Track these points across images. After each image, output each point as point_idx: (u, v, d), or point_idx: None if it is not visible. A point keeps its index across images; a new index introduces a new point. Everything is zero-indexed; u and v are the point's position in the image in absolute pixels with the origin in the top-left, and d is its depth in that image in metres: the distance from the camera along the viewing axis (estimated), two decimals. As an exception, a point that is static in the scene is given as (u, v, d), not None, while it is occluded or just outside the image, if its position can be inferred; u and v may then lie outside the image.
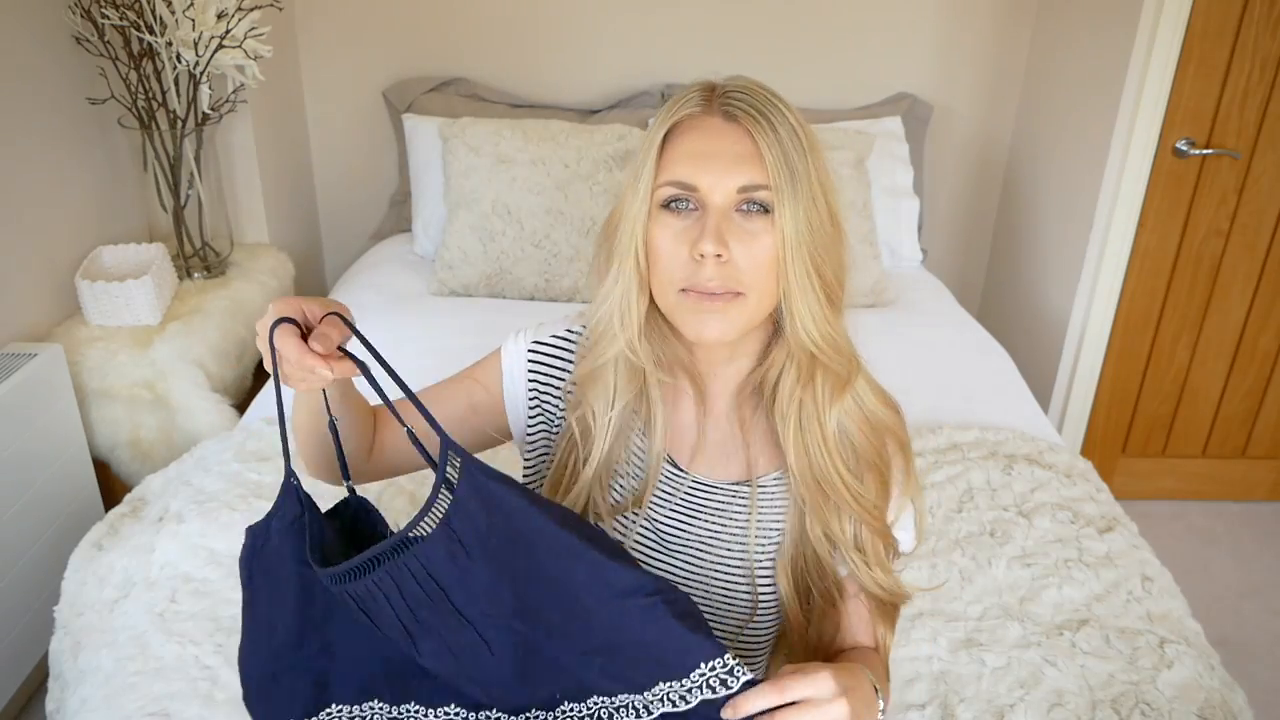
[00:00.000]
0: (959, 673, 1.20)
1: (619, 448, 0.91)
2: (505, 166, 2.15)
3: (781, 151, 0.78)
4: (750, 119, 0.79)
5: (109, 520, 1.45)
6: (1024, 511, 1.48)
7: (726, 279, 0.80)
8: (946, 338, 2.08)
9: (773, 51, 2.49)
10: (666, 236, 0.81)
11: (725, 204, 0.80)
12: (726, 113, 0.81)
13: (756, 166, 0.79)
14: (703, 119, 0.81)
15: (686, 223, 0.81)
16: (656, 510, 0.92)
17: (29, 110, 1.78)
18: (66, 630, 1.30)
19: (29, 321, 1.80)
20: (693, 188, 0.80)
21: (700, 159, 0.80)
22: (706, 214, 0.80)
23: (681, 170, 0.80)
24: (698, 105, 0.82)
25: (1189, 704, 1.15)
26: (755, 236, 0.80)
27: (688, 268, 0.80)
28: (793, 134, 0.79)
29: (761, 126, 0.79)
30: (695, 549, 0.92)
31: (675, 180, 0.80)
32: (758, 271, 0.80)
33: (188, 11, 1.81)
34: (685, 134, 0.81)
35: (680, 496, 0.92)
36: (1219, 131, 2.11)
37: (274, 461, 1.51)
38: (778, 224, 0.79)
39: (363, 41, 2.46)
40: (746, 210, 0.80)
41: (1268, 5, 1.98)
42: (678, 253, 0.81)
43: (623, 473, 0.92)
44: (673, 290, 0.82)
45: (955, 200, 2.73)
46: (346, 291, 2.21)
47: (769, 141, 0.78)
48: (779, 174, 0.78)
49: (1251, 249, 2.22)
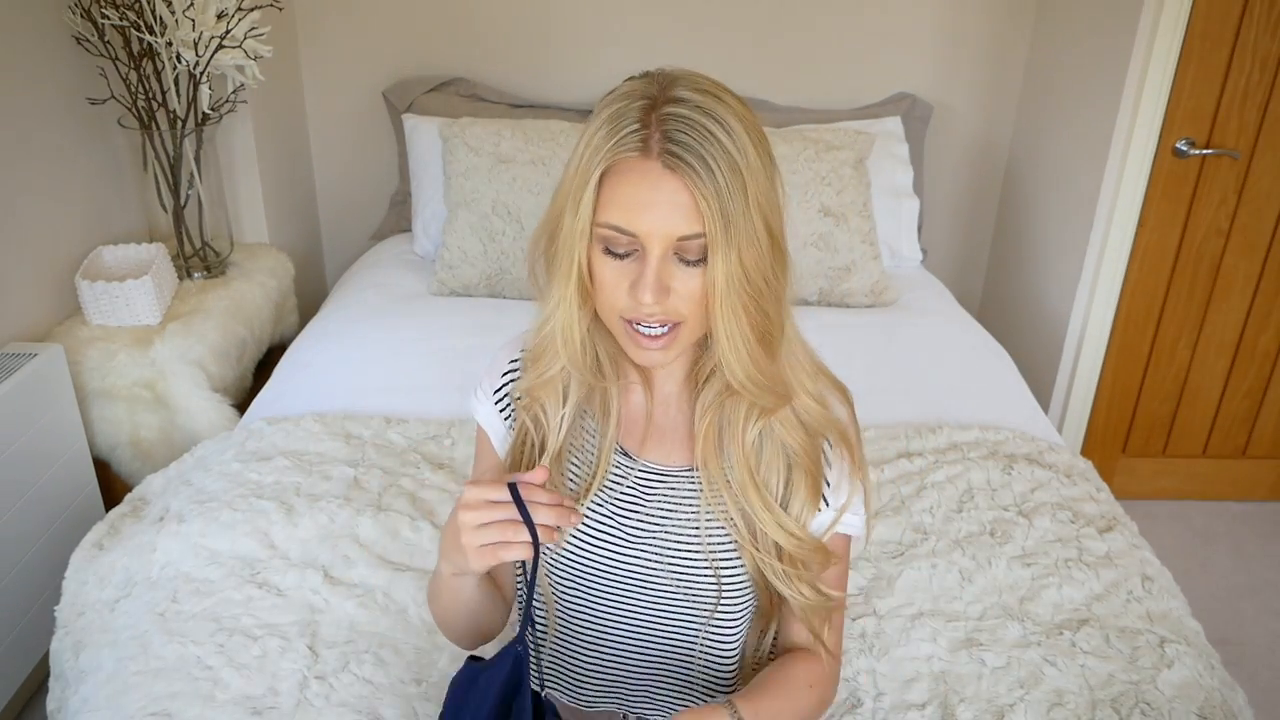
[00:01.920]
0: (959, 672, 1.20)
1: (572, 437, 0.94)
2: (505, 166, 2.15)
3: (718, 203, 0.78)
4: (688, 169, 0.78)
5: (109, 520, 1.45)
6: (1024, 511, 1.48)
7: (666, 313, 0.83)
8: (946, 338, 2.08)
9: (773, 51, 2.49)
10: (609, 274, 0.83)
11: (664, 251, 0.81)
12: (665, 162, 0.79)
13: (694, 216, 0.80)
14: (641, 163, 0.80)
15: (626, 264, 0.83)
16: (610, 499, 0.94)
17: (29, 110, 1.78)
18: (67, 630, 1.30)
19: (29, 321, 1.80)
20: (632, 234, 0.81)
21: (640, 209, 0.80)
22: (646, 260, 0.81)
23: (620, 216, 0.81)
24: (636, 149, 0.80)
25: (1189, 704, 1.15)
26: (694, 277, 0.82)
27: (628, 301, 0.83)
28: (733, 173, 0.79)
29: (699, 177, 0.78)
30: (655, 536, 0.93)
31: (614, 225, 0.81)
32: (695, 304, 0.83)
33: (188, 11, 1.81)
34: (624, 177, 0.81)
35: (630, 483, 0.94)
36: (1219, 131, 2.11)
37: (274, 461, 1.51)
38: (709, 273, 0.81)
39: (363, 42, 2.46)
40: (685, 262, 0.82)
41: (1268, 5, 1.98)
42: (619, 287, 0.83)
43: (577, 461, 0.95)
44: (615, 316, 0.85)
45: (955, 200, 2.73)
46: (346, 291, 2.21)
47: (706, 194, 0.78)
48: (714, 224, 0.79)
49: (1251, 249, 2.22)
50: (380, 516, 1.39)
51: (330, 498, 1.42)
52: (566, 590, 0.96)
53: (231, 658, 1.16)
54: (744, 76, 2.46)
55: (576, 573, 0.95)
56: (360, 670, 1.15)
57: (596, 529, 0.94)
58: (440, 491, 1.48)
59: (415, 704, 1.12)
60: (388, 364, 1.86)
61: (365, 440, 1.60)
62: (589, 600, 0.95)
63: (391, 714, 1.10)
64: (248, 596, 1.25)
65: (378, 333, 1.97)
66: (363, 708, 1.10)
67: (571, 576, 0.95)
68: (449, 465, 1.56)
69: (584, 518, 0.94)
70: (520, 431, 0.95)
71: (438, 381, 1.80)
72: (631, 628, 0.95)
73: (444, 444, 1.62)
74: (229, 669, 1.14)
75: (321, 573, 1.29)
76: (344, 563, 1.31)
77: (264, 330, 2.13)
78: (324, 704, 1.11)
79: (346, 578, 1.29)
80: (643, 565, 0.93)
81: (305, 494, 1.43)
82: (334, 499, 1.42)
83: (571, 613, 0.97)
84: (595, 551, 0.94)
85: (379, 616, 1.24)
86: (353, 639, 1.20)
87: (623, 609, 0.95)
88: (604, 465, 0.93)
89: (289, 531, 1.35)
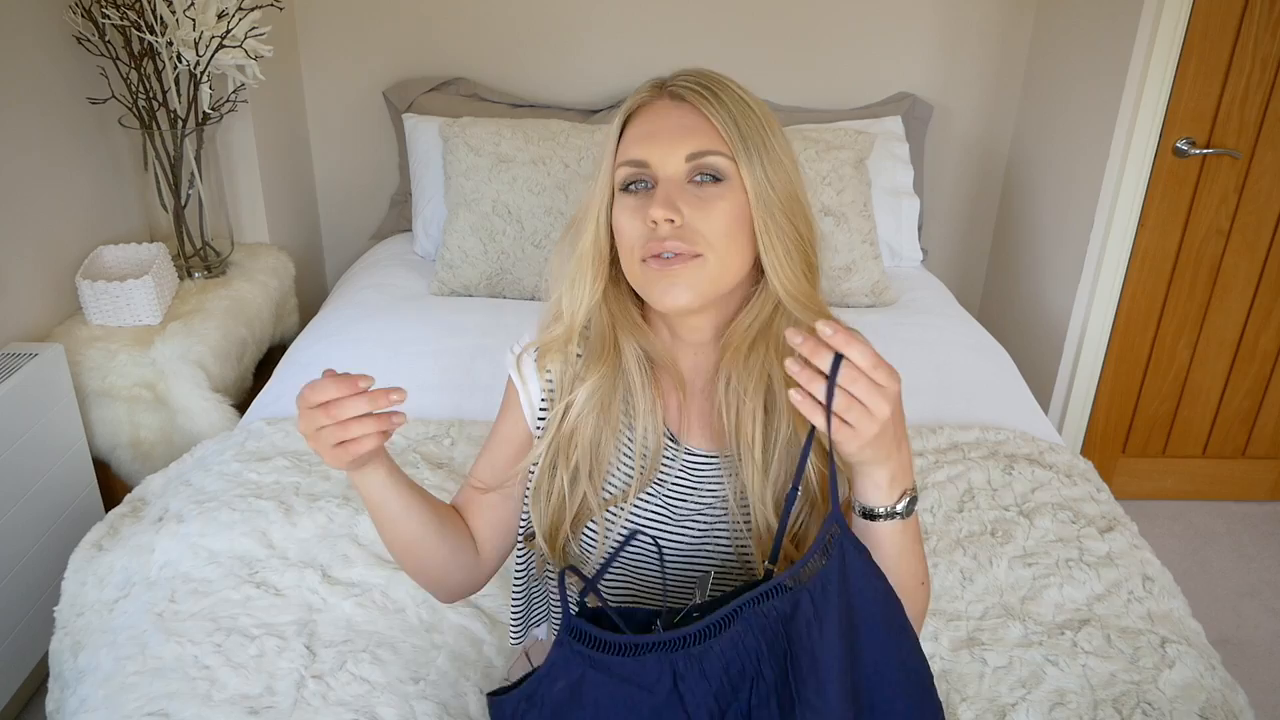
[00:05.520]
0: (960, 672, 1.20)
1: (608, 445, 0.93)
2: (505, 166, 2.15)
3: (730, 117, 0.83)
4: (695, 94, 0.85)
5: (109, 520, 1.45)
6: (1025, 511, 1.48)
7: (683, 240, 0.83)
8: (946, 338, 2.08)
9: (773, 51, 2.49)
10: (625, 215, 0.86)
11: (676, 174, 0.84)
12: (673, 94, 0.87)
13: (704, 134, 0.84)
14: (652, 103, 0.87)
15: (642, 199, 0.85)
16: (663, 483, 0.94)
17: (29, 110, 1.78)
18: (66, 630, 1.30)
19: (29, 321, 1.80)
20: (644, 163, 0.85)
21: (649, 137, 0.85)
22: (659, 186, 0.84)
23: (634, 150, 0.86)
24: (648, 93, 0.88)
25: (1190, 704, 1.14)
26: (709, 201, 0.84)
27: (644, 235, 0.84)
28: (741, 104, 0.85)
29: (706, 99, 0.84)
30: (702, 516, 0.94)
31: (628, 159, 0.86)
32: (715, 233, 0.84)
33: (188, 11, 1.81)
34: (636, 120, 0.88)
35: (679, 466, 0.95)
36: (1219, 131, 2.10)
37: (273, 461, 1.51)
38: (740, 183, 0.84)
39: (363, 41, 2.46)
40: (699, 181, 0.84)
41: (1268, 5, 1.98)
42: (635, 226, 0.85)
43: (615, 464, 0.95)
44: (636, 262, 0.86)
45: (955, 200, 2.73)
46: (346, 291, 2.21)
47: (714, 109, 0.84)
48: (731, 135, 0.83)
49: (1252, 249, 2.21)
50: (379, 516, 1.39)
51: (329, 498, 1.42)
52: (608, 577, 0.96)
53: (229, 657, 1.15)
54: (744, 76, 2.42)
55: (622, 558, 0.95)
56: (358, 669, 1.15)
57: (649, 513, 0.94)
58: (439, 491, 1.47)
59: (413, 703, 1.12)
60: (388, 364, 1.86)
61: (365, 440, 1.60)
62: (629, 584, 0.96)
63: (389, 713, 1.10)
64: (246, 596, 1.25)
65: (378, 333, 1.97)
66: (360, 707, 1.10)
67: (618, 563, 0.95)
68: (448, 465, 1.56)
69: (635, 505, 0.94)
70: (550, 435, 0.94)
71: (437, 381, 1.80)
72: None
73: (443, 444, 1.61)
74: (226, 668, 1.14)
75: (319, 572, 1.29)
76: (342, 562, 1.31)
77: (264, 330, 2.13)
78: (321, 703, 1.10)
79: (344, 577, 1.29)
80: (689, 544, 0.94)
81: (304, 494, 1.43)
82: (333, 499, 1.42)
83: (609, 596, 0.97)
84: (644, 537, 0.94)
85: (377, 616, 1.24)
86: (350, 638, 1.20)
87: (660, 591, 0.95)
88: (657, 451, 0.93)
89: (287, 531, 1.35)
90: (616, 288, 0.93)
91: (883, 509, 0.77)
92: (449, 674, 1.17)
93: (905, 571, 0.81)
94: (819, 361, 0.70)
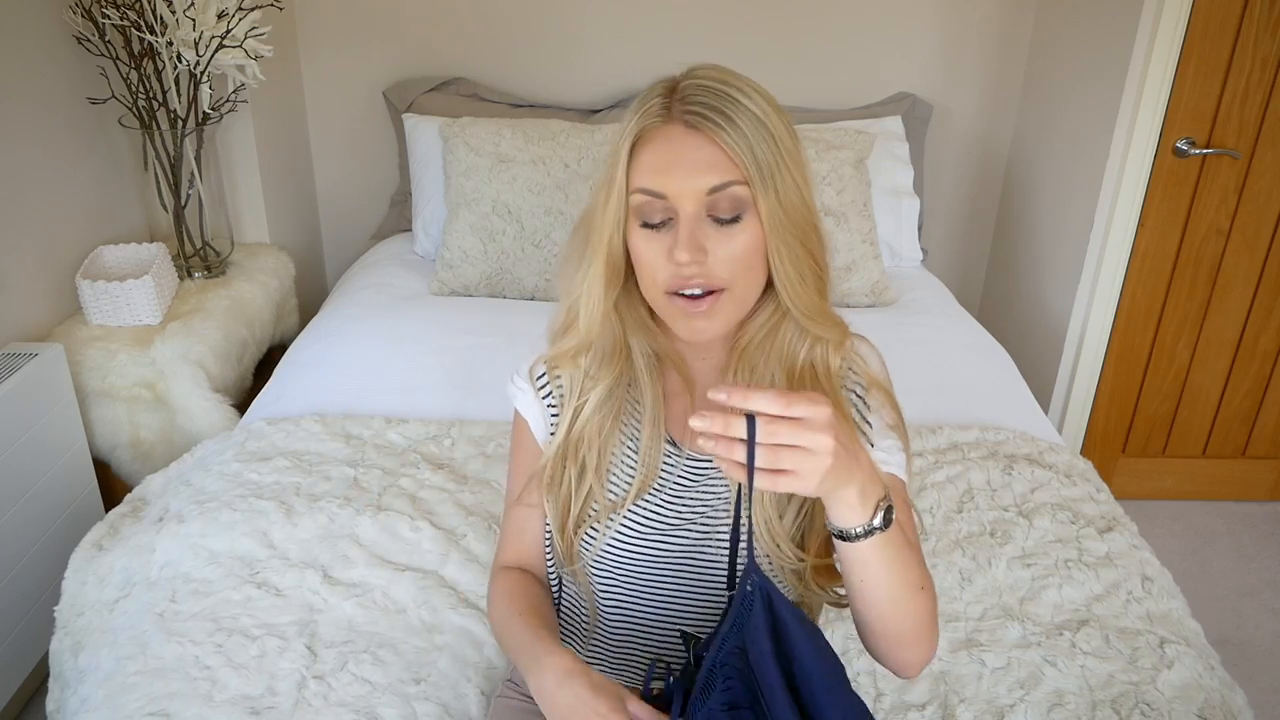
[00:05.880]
0: (959, 673, 1.20)
1: (614, 443, 0.95)
2: (505, 166, 2.15)
3: (747, 145, 0.81)
4: (710, 124, 0.82)
5: (109, 520, 1.45)
6: (1024, 511, 1.48)
7: (706, 276, 0.84)
8: (946, 338, 2.08)
9: (773, 51, 2.49)
10: (644, 245, 0.86)
11: (696, 209, 0.83)
12: (687, 122, 0.83)
13: (722, 167, 0.82)
14: (665, 129, 0.84)
15: (663, 235, 0.85)
16: (662, 489, 0.95)
17: (29, 110, 1.78)
18: (66, 630, 1.30)
19: (29, 321, 1.80)
20: (661, 194, 0.84)
21: (665, 170, 0.83)
22: (679, 222, 0.84)
23: (649, 180, 0.84)
24: (659, 115, 0.84)
25: (1189, 704, 1.15)
26: (731, 237, 0.84)
27: (668, 270, 0.85)
28: (756, 125, 0.82)
29: (722, 127, 0.81)
30: (702, 518, 0.95)
31: (644, 188, 0.84)
32: (735, 265, 0.85)
33: (188, 11, 1.81)
34: (649, 145, 0.85)
35: (678, 475, 0.96)
36: (1219, 131, 2.10)
37: (274, 461, 1.51)
38: (755, 211, 0.83)
39: (363, 41, 2.46)
40: (719, 221, 0.84)
41: (1268, 5, 1.98)
42: (658, 259, 0.85)
43: (619, 462, 0.96)
44: (659, 293, 0.87)
45: (955, 200, 2.73)
46: (346, 291, 2.21)
47: (731, 139, 0.81)
48: (748, 166, 0.82)
49: (1252, 249, 2.21)
50: (380, 517, 1.39)
51: (330, 498, 1.42)
52: (604, 577, 0.97)
53: (230, 657, 1.15)
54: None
55: (618, 560, 0.96)
56: (359, 670, 1.15)
57: (639, 521, 0.95)
58: (440, 491, 1.48)
59: (414, 704, 1.12)
60: (388, 364, 1.86)
61: (365, 440, 1.60)
62: (625, 585, 0.97)
63: (390, 714, 1.10)
64: (246, 596, 1.25)
65: (378, 333, 1.97)
66: (361, 708, 1.10)
67: (613, 564, 0.96)
68: (449, 465, 1.56)
69: (633, 511, 0.95)
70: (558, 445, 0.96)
71: (438, 381, 1.80)
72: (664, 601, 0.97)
73: (444, 444, 1.62)
74: (227, 669, 1.14)
75: (320, 573, 1.29)
76: (343, 562, 1.31)
77: (264, 330, 2.13)
78: (322, 704, 1.10)
79: (345, 578, 1.29)
80: (669, 554, 0.95)
81: (305, 494, 1.43)
82: (334, 499, 1.42)
83: (605, 596, 0.98)
84: (640, 540, 0.95)
85: (378, 616, 1.24)
86: (351, 639, 1.20)
87: (659, 592, 0.96)
88: (656, 459, 0.94)
89: (288, 531, 1.35)
90: (627, 294, 0.93)
91: (860, 527, 0.76)
92: (450, 675, 1.17)
93: (899, 582, 0.80)
94: (734, 430, 0.69)
